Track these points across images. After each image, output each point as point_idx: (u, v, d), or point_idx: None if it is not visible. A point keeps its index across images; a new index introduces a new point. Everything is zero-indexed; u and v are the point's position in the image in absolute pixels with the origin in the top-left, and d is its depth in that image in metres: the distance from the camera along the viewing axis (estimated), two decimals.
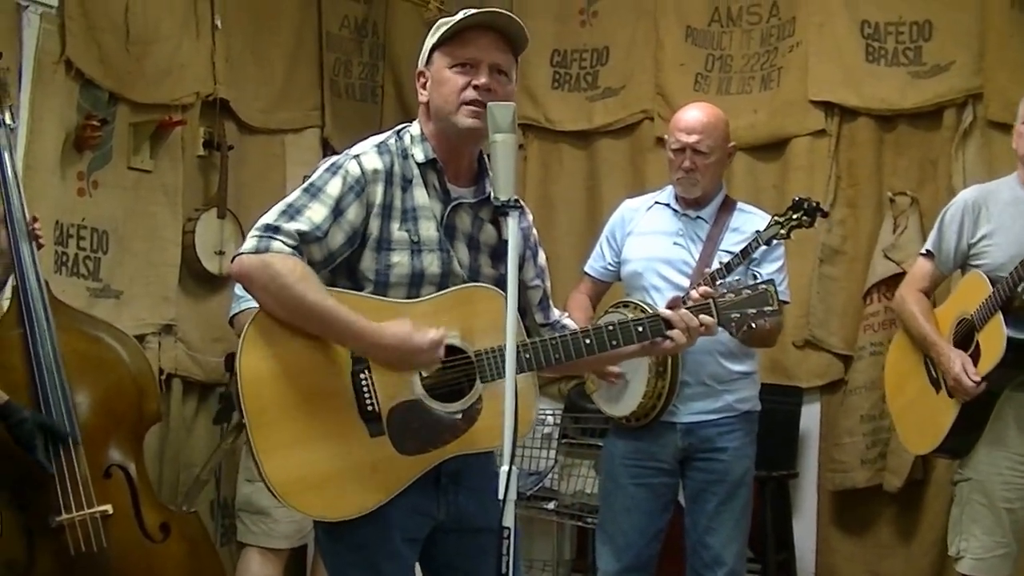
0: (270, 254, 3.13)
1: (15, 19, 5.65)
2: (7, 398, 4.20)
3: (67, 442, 4.34)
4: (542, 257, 3.59)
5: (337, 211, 3.21)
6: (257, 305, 3.22)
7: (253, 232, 3.19)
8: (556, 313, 3.63)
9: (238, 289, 5.01)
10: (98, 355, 4.73)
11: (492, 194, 3.30)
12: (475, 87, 3.24)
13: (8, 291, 4.90)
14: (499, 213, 2.99)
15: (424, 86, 3.37)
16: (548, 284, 3.61)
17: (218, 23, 6.67)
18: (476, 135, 3.26)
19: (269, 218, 3.20)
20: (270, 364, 3.15)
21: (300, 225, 3.17)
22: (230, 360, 5.97)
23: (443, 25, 3.34)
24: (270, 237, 3.15)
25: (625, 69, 7.34)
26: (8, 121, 4.54)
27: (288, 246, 3.14)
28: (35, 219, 4.58)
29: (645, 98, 7.22)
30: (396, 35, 7.73)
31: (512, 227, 2.90)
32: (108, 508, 4.46)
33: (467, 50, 3.27)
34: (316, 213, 3.19)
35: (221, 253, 6.57)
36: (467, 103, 3.25)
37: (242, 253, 3.17)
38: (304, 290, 3.11)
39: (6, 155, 4.48)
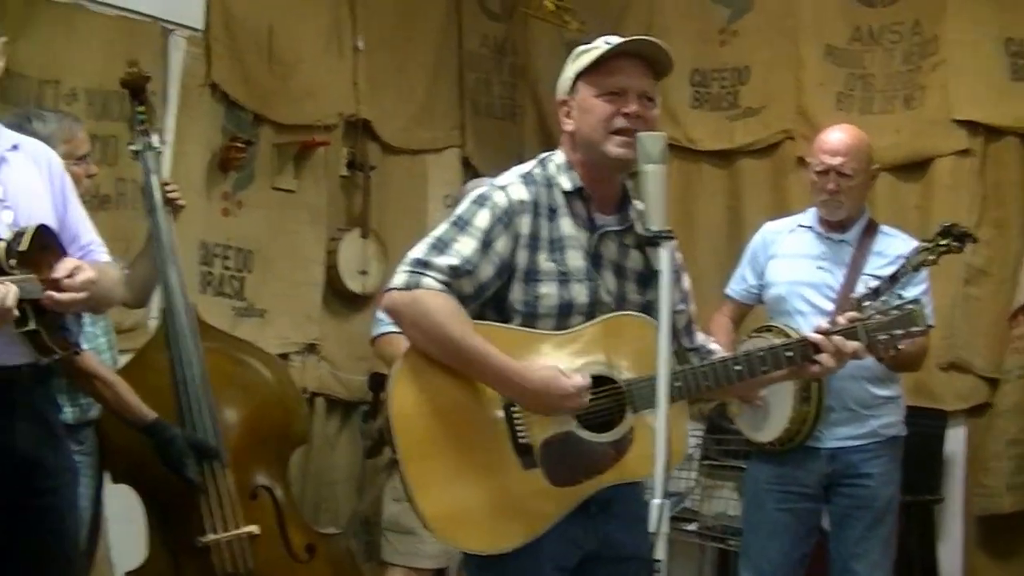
0: (420, 291, 3.11)
1: (162, 43, 5.73)
2: (156, 416, 4.24)
3: (218, 458, 4.38)
4: (686, 281, 3.52)
5: (486, 244, 3.17)
6: (397, 329, 3.23)
7: (403, 267, 3.17)
8: (701, 337, 3.54)
9: (380, 311, 5.02)
10: (244, 377, 4.75)
11: (637, 221, 3.32)
12: (624, 115, 3.19)
13: (156, 311, 4.98)
14: (650, 243, 2.95)
15: (568, 114, 3.31)
16: (693, 308, 3.53)
17: (359, 44, 6.70)
18: (626, 164, 3.20)
19: (418, 252, 3.18)
20: (421, 399, 3.14)
21: (450, 259, 3.14)
22: (374, 379, 5.98)
23: (584, 52, 3.29)
24: (420, 273, 3.13)
25: (766, 88, 7.22)
26: (155, 144, 4.58)
27: (438, 282, 3.12)
28: (166, 184, 4.60)
29: (786, 118, 7.10)
30: (535, 54, 7.68)
31: (665, 258, 2.85)
32: (254, 529, 4.46)
33: (615, 78, 3.21)
34: (465, 246, 3.16)
35: (364, 273, 6.58)
36: (617, 132, 3.19)
37: (392, 289, 3.17)
38: (453, 329, 3.10)
39: (154, 178, 4.51)
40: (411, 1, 7.10)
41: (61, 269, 3.21)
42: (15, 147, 3.43)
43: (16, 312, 3.00)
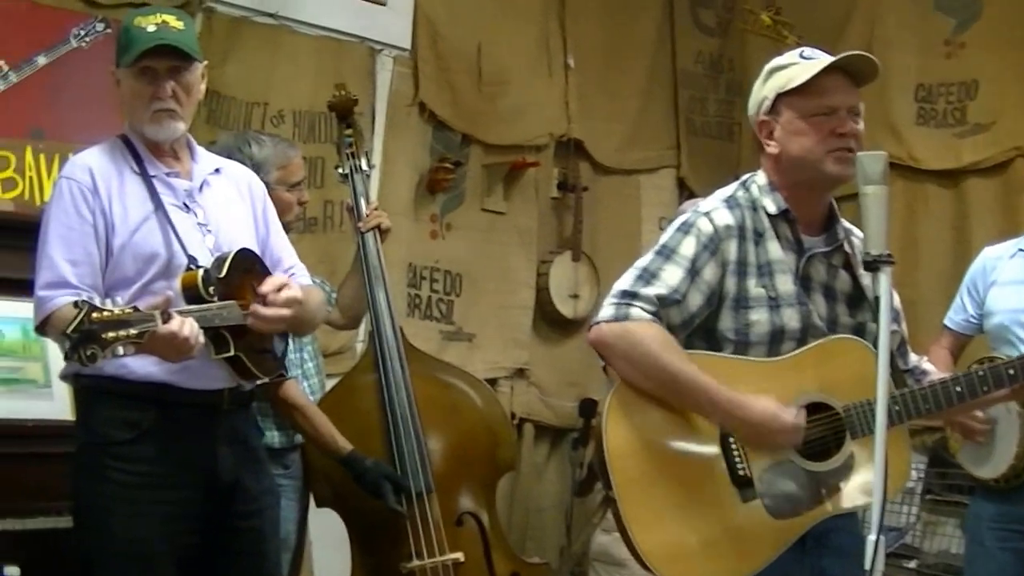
0: (630, 322, 3.08)
1: (369, 63, 5.80)
2: (350, 448, 4.24)
3: (410, 493, 4.37)
4: (896, 299, 3.40)
5: (693, 272, 3.12)
6: None
7: (610, 299, 3.14)
8: (914, 358, 3.45)
9: None
10: (452, 402, 4.73)
11: (845, 240, 3.26)
12: (841, 135, 3.12)
13: (363, 334, 5.00)
14: (870, 268, 2.86)
15: (771, 135, 3.22)
16: (904, 327, 3.42)
17: (570, 62, 6.67)
18: (842, 182, 3.15)
19: (625, 283, 3.15)
20: (635, 435, 3.10)
21: (658, 289, 3.10)
22: (584, 405, 5.94)
23: (780, 69, 3.21)
24: (628, 304, 3.09)
25: (996, 103, 6.95)
26: (364, 167, 4.60)
27: (647, 312, 3.08)
28: (380, 214, 4.60)
29: (1019, 134, 6.81)
30: (752, 70, 7.42)
31: (885, 284, 2.75)
32: (460, 556, 4.42)
33: (826, 98, 3.14)
34: (672, 275, 3.12)
35: (575, 296, 6.54)
36: (835, 151, 3.13)
37: (600, 321, 3.13)
38: (667, 359, 3.05)
39: (363, 201, 4.53)
40: (622, 17, 7.04)
41: (268, 284, 3.26)
42: (217, 171, 3.48)
43: (201, 340, 3.01)
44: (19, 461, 3.87)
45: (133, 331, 2.75)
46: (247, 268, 3.29)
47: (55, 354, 4.01)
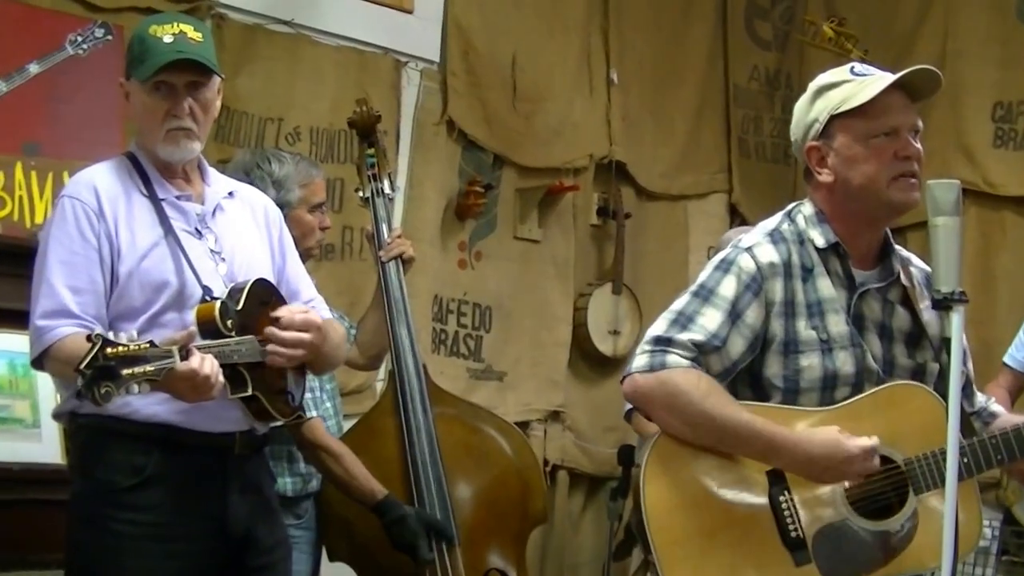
0: (667, 371, 3.08)
1: (394, 76, 5.82)
2: (386, 492, 4.25)
3: (452, 542, 4.37)
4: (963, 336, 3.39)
5: (734, 315, 3.12)
6: None
7: (643, 347, 3.14)
8: (981, 399, 3.43)
9: None
10: (480, 447, 4.73)
11: (901, 272, 3.25)
12: (905, 158, 3.11)
13: (383, 372, 5.00)
14: (940, 307, 2.83)
15: (823, 162, 3.20)
16: (971, 366, 3.39)
17: (614, 78, 6.70)
18: (909, 208, 3.15)
19: (659, 329, 3.14)
20: (676, 492, 3.10)
21: (695, 335, 3.10)
22: (624, 452, 5.93)
23: (832, 87, 3.19)
24: (663, 351, 3.09)
25: None
26: (388, 190, 4.60)
27: (685, 359, 3.08)
28: (404, 242, 4.60)
29: None
30: None
31: (956, 324, 2.74)
32: None
33: (887, 119, 3.13)
34: (711, 319, 3.11)
35: (616, 333, 6.55)
36: (900, 176, 3.11)
37: (634, 372, 3.13)
38: (713, 405, 3.05)
39: (385, 228, 4.53)
40: (671, 29, 7.08)
41: (284, 310, 3.27)
42: (231, 194, 3.50)
43: (221, 380, 3.01)
44: (3, 509, 3.87)
45: (150, 368, 2.75)
46: (264, 300, 3.30)
47: (45, 391, 4.04)
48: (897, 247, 3.28)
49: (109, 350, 2.67)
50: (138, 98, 3.31)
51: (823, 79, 3.22)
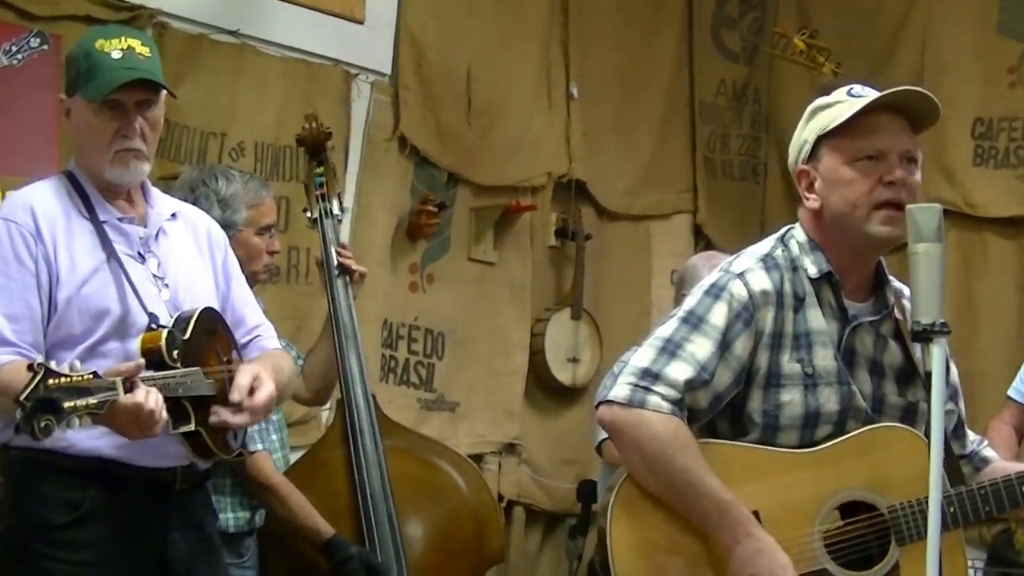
0: (647, 411, 3.09)
1: (344, 89, 5.82)
2: (333, 532, 4.26)
3: None
4: (954, 373, 3.40)
5: (724, 345, 3.13)
6: None
7: (628, 376, 3.13)
8: (973, 440, 3.44)
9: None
10: (432, 482, 4.73)
11: (895, 305, 3.24)
12: (889, 183, 3.11)
13: (330, 402, 5.01)
14: (920, 339, 2.84)
15: (811, 187, 3.22)
16: (961, 405, 3.41)
17: (574, 92, 6.74)
18: (892, 243, 3.15)
19: (645, 359, 3.14)
20: (645, 535, 3.11)
21: (683, 369, 3.10)
22: (583, 487, 5.95)
23: (824, 108, 3.22)
24: (647, 388, 3.10)
25: None
26: (337, 211, 4.61)
27: (668, 401, 3.08)
28: (343, 247, 4.62)
29: None
30: (782, 102, 7.58)
31: (938, 358, 2.74)
32: None
33: (873, 139, 3.13)
34: (700, 349, 3.12)
35: (575, 360, 6.57)
36: (880, 206, 3.11)
37: (613, 401, 3.13)
38: (684, 464, 3.06)
39: (333, 250, 4.54)
40: (634, 41, 7.12)
41: (238, 390, 3.23)
42: (173, 215, 3.50)
43: (165, 415, 2.99)
44: None
45: (93, 401, 2.73)
46: (211, 329, 3.30)
47: None
48: (891, 278, 3.29)
49: (51, 381, 2.65)
50: (82, 116, 3.29)
51: (819, 101, 3.24)
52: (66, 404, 2.66)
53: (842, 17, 7.44)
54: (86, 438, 3.14)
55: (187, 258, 3.46)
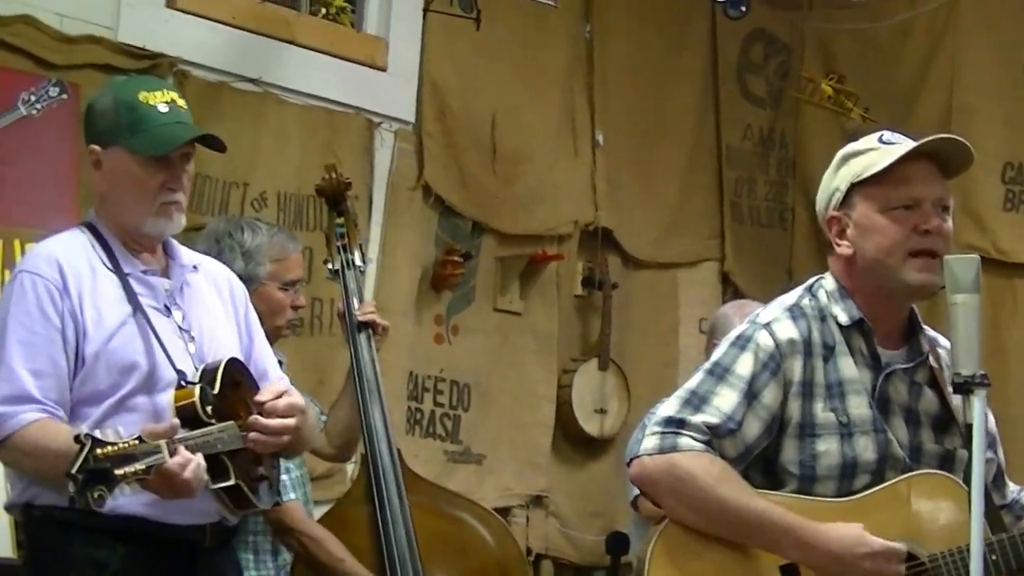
0: (678, 453, 3.06)
1: (367, 137, 5.83)
2: None
3: None
4: (991, 422, 3.36)
5: (751, 395, 3.10)
6: None
7: (653, 428, 3.12)
8: (1013, 489, 3.40)
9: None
10: (459, 538, 4.68)
11: (929, 352, 3.21)
12: (925, 232, 3.09)
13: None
14: (962, 391, 2.81)
15: (842, 234, 3.20)
16: (1001, 454, 3.38)
17: (599, 139, 6.74)
18: (927, 292, 3.14)
19: (670, 409, 3.13)
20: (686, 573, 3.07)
21: (709, 417, 3.08)
22: (612, 539, 5.90)
23: (855, 155, 3.20)
24: (675, 433, 3.08)
25: None
26: (358, 262, 4.57)
27: (698, 441, 3.06)
28: (366, 301, 4.59)
29: None
30: (809, 147, 7.56)
31: (978, 409, 2.71)
32: None
33: (909, 188, 3.12)
34: (726, 400, 3.10)
35: (602, 412, 6.53)
36: (916, 254, 3.10)
37: (643, 454, 3.10)
38: (727, 492, 3.02)
39: (355, 301, 4.51)
40: (659, 87, 7.12)
41: (266, 392, 3.25)
42: (195, 268, 3.48)
43: (205, 476, 2.98)
44: None
45: (140, 466, 2.73)
46: (236, 381, 3.27)
47: None
48: (924, 326, 3.26)
49: (99, 451, 2.65)
50: (123, 167, 3.27)
51: (850, 147, 3.22)
52: (117, 472, 2.67)
53: (866, 61, 7.43)
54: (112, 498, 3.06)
55: (211, 310, 3.44)
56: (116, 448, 2.68)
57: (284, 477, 3.84)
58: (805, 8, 7.60)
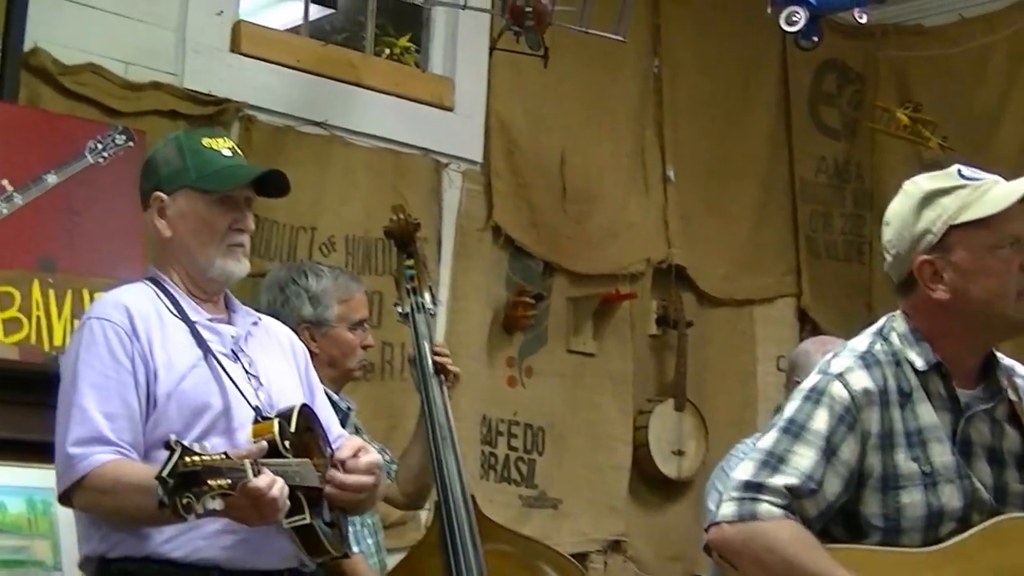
0: (758, 522, 2.99)
1: (434, 179, 5.84)
2: None
3: None
4: None
5: (829, 452, 3.02)
6: None
7: (731, 493, 3.05)
8: None
9: (711, 502, 4.85)
10: None
11: (1008, 388, 3.14)
12: None
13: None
14: None
15: (938, 277, 3.08)
16: None
17: (671, 175, 6.71)
18: None
19: (747, 472, 3.06)
20: None
21: (788, 478, 3.01)
22: None
23: (941, 195, 3.07)
24: (753, 499, 3.01)
25: None
26: (429, 304, 4.54)
27: (778, 507, 2.99)
28: (439, 345, 4.54)
29: None
30: (886, 178, 7.46)
31: None
32: None
33: (1011, 226, 3.02)
34: (804, 459, 3.02)
35: (680, 453, 6.49)
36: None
37: (722, 521, 3.04)
38: (812, 563, 2.95)
39: (427, 345, 4.47)
40: (730, 121, 7.09)
41: (346, 449, 3.27)
42: (255, 323, 3.51)
43: (287, 501, 2.97)
44: None
45: (225, 481, 2.71)
46: (309, 426, 3.28)
47: (68, 531, 3.95)
48: (999, 355, 3.19)
49: (187, 458, 2.65)
50: (191, 209, 3.31)
51: (931, 186, 3.11)
52: (207, 481, 2.66)
53: (943, 88, 7.34)
54: (189, 540, 3.12)
55: (276, 361, 3.46)
56: (204, 459, 2.67)
57: (357, 525, 3.80)
58: (878, 36, 7.49)
